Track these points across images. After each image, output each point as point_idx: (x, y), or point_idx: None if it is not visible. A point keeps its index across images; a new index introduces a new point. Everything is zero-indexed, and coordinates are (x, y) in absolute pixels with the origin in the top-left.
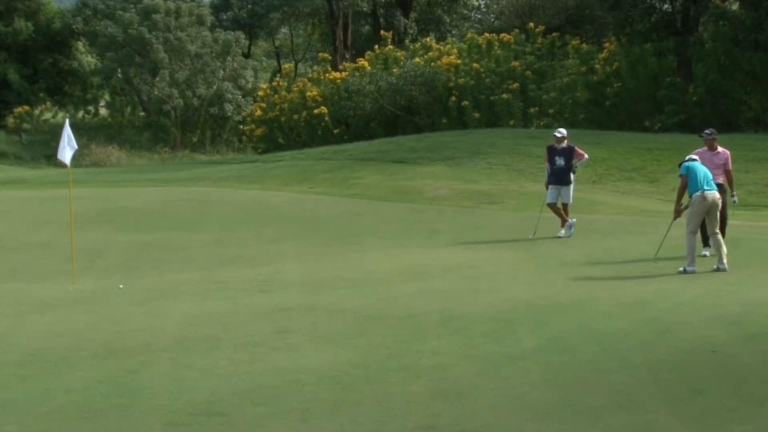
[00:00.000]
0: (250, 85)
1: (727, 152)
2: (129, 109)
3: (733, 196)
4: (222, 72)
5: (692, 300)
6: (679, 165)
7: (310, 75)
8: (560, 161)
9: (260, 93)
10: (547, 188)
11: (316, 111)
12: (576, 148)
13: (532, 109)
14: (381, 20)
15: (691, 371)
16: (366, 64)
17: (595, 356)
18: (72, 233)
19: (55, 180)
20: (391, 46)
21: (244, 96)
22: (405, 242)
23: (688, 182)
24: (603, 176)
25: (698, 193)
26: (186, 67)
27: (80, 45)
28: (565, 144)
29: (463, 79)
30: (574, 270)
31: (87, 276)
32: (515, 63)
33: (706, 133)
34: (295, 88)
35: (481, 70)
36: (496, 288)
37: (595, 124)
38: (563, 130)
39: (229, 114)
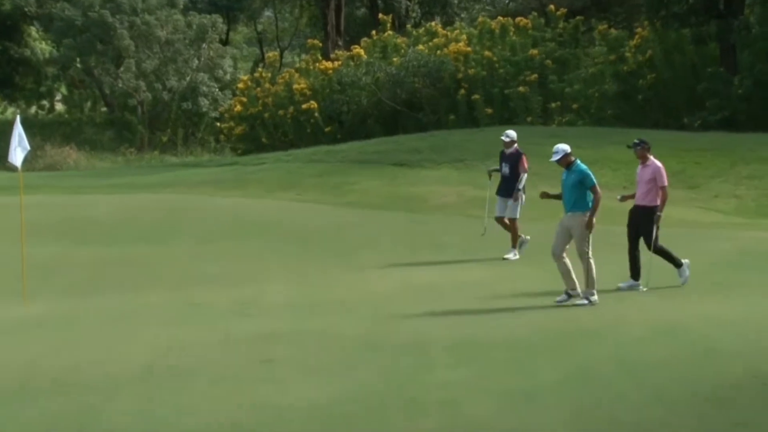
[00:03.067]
0: (228, 77)
1: (659, 165)
2: (89, 104)
3: (659, 213)
4: (196, 61)
5: (733, 324)
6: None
7: (297, 65)
8: (506, 169)
9: (240, 85)
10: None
11: (304, 106)
12: (523, 156)
13: (553, 104)
14: (379, 2)
15: (735, 404)
16: (362, 52)
17: (626, 390)
18: (23, 247)
19: (4, 185)
20: (390, 32)
21: (221, 89)
22: (407, 258)
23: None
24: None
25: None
26: (155, 55)
27: (33, 30)
28: (513, 149)
29: (473, 70)
30: (600, 290)
31: (41, 297)
32: (533, 51)
33: (635, 143)
34: (281, 80)
35: (494, 59)
36: (513, 310)
37: (626, 121)
38: (512, 133)
39: (205, 110)
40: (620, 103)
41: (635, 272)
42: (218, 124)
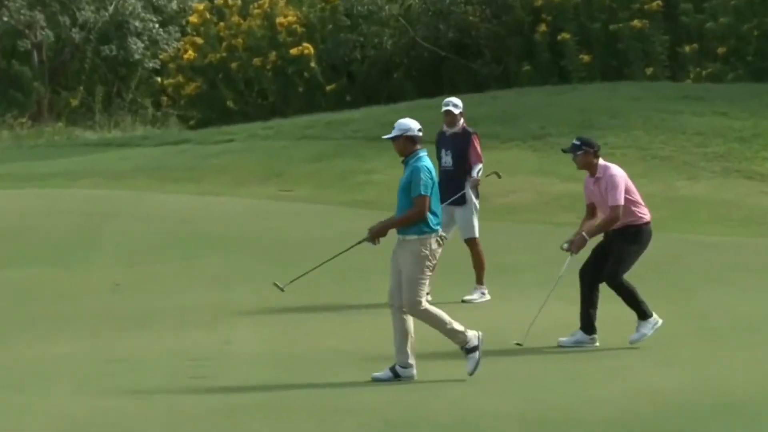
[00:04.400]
0: (174, 5)
1: (614, 174)
2: None
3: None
4: None
5: None
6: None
7: None
8: (447, 158)
9: (193, 19)
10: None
11: (293, 51)
12: (475, 137)
13: (686, 47)
14: None
15: None
16: None
17: None
18: None
19: None
20: None
21: (163, 25)
22: (451, 286)
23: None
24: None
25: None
26: None
27: None
28: (458, 127)
29: None
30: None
31: None
32: None
33: (573, 145)
34: (257, 10)
35: None
36: (621, 370)
37: None
38: (455, 100)
39: (138, 57)
40: None
41: (588, 321)
42: (159, 79)
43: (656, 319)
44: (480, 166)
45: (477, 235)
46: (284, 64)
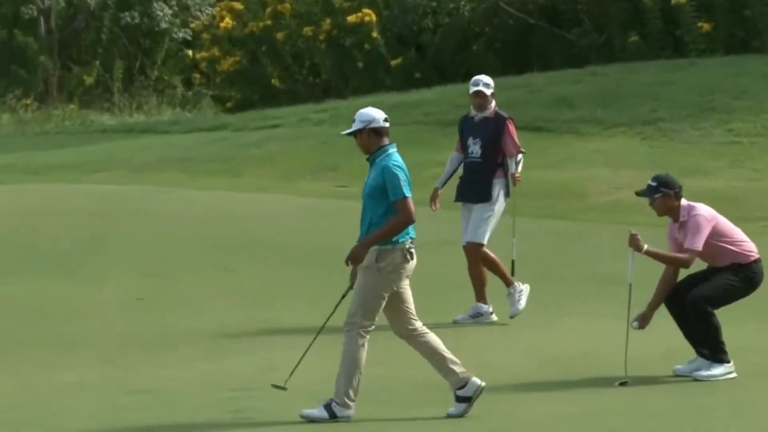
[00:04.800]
0: None
1: (698, 214)
2: None
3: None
4: None
5: None
6: None
7: None
8: (474, 147)
9: None
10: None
11: (351, 18)
12: (510, 122)
13: None
14: None
15: None
16: None
17: None
18: None
19: None
20: None
21: None
22: (544, 304)
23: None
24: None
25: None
26: None
27: None
28: (489, 111)
29: None
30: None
31: None
32: None
33: (649, 186)
34: None
35: None
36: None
37: None
38: (486, 79)
39: (165, 25)
40: None
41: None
42: (190, 53)
43: (732, 368)
44: (520, 157)
45: (484, 241)
46: (340, 34)
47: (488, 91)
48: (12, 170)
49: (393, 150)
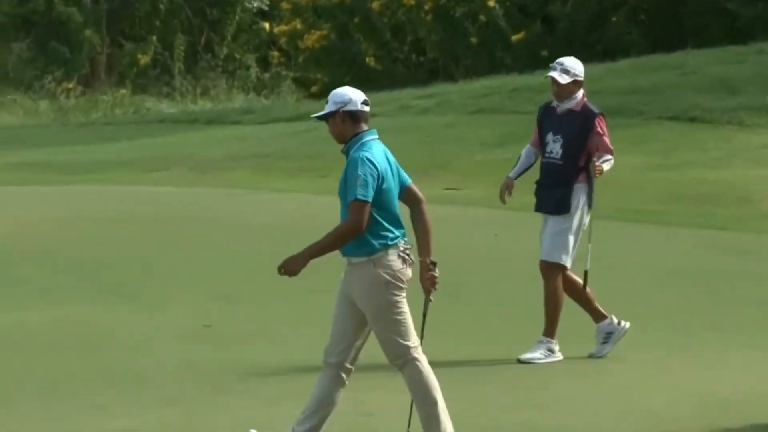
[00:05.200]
0: None
1: None
2: None
3: None
4: None
5: None
6: None
7: None
8: (554, 146)
9: None
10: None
11: None
12: (600, 119)
13: None
14: None
15: None
16: None
17: None
18: None
19: None
20: None
21: None
22: (702, 334)
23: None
24: None
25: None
26: None
27: None
28: (574, 102)
29: None
30: None
31: None
32: None
33: None
34: None
35: None
36: None
37: None
38: (569, 62)
39: None
40: None
41: None
42: (266, 26)
43: None
44: (609, 158)
45: (562, 262)
46: (450, 3)
47: (564, 79)
48: (52, 168)
49: (370, 138)
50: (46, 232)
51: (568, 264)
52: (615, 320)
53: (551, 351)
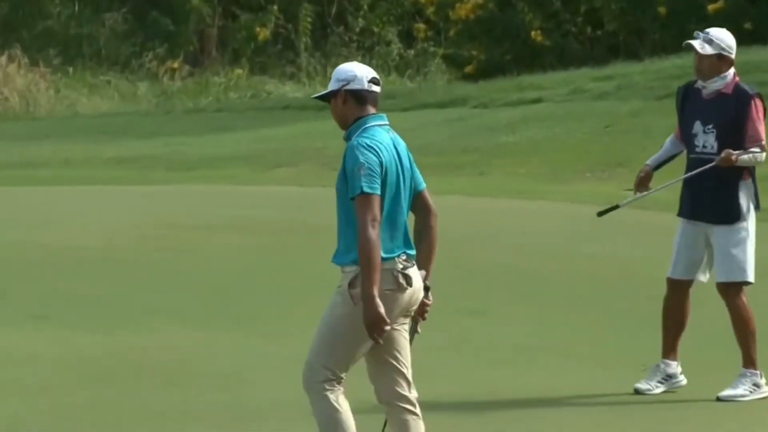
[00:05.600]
0: None
1: None
2: None
3: None
4: None
5: None
6: None
7: None
8: (706, 137)
9: None
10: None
11: None
12: (757, 101)
13: None
14: None
15: None
16: None
17: None
18: None
19: None
20: None
21: None
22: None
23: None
24: None
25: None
26: None
27: None
28: (724, 83)
29: None
30: None
31: None
32: None
33: None
34: None
35: None
36: None
37: None
38: (714, 32)
39: None
40: None
41: None
42: None
43: None
44: (757, 151)
45: (750, 278)
46: None
47: (705, 50)
48: (154, 164)
49: (375, 123)
50: (145, 241)
51: (752, 279)
52: (679, 368)
53: (757, 386)
